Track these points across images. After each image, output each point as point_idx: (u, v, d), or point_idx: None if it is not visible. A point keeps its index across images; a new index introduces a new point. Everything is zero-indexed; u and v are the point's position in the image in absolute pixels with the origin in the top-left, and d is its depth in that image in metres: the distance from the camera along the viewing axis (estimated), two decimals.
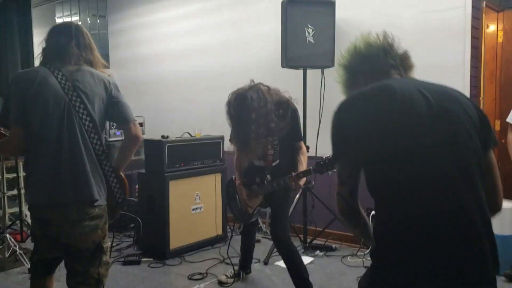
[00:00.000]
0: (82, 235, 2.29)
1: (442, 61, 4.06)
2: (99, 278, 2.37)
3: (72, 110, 2.25)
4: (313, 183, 4.44)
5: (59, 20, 7.59)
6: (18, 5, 6.53)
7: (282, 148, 3.32)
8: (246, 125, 3.06)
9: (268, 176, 3.32)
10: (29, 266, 3.99)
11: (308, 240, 4.56)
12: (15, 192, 5.46)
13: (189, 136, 4.76)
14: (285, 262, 3.33)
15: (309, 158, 3.41)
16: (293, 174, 3.10)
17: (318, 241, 4.62)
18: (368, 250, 4.38)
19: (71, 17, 7.50)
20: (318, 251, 4.42)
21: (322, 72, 4.49)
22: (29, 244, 4.73)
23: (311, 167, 3.07)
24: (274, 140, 3.27)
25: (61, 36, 2.37)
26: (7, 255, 4.19)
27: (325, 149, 4.36)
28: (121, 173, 2.43)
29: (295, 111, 3.27)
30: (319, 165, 3.00)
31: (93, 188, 2.26)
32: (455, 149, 1.35)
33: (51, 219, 2.29)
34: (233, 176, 3.62)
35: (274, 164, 3.34)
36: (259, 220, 5.06)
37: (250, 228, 3.79)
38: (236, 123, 3.17)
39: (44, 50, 2.41)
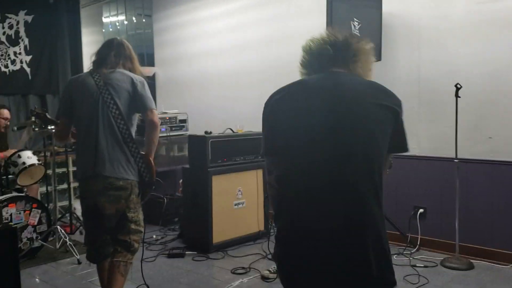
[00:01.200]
0: (107, 203, 2.76)
1: (496, 53, 3.89)
2: (130, 243, 2.83)
3: (101, 101, 2.78)
4: None
5: (106, 20, 7.81)
6: (67, 6, 6.72)
7: None
8: None
9: None
10: (78, 256, 4.15)
11: None
12: (65, 186, 5.65)
13: (231, 132, 4.78)
14: None
15: None
16: None
17: None
18: (415, 249, 4.28)
19: (117, 16, 7.70)
20: None
21: None
22: (78, 236, 4.88)
23: None
24: None
25: (105, 49, 2.97)
26: (58, 246, 4.33)
27: None
28: (150, 158, 2.83)
29: None
30: None
31: (105, 166, 2.72)
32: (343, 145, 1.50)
33: (85, 190, 2.86)
34: None
35: None
36: None
37: None
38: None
39: (93, 61, 2.98)
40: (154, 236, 4.88)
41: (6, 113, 4.98)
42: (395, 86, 4.48)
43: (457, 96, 3.85)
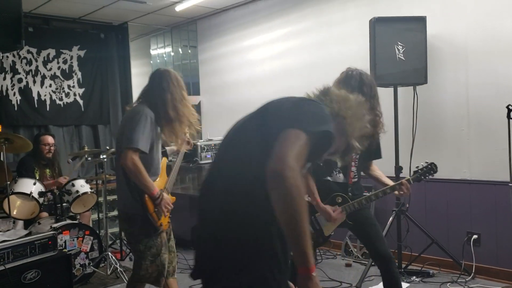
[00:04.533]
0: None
1: None
2: (141, 273, 2.88)
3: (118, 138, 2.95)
4: (407, 205, 4.25)
5: (153, 52, 8.09)
6: (117, 40, 7.05)
7: (359, 165, 3.17)
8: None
9: (350, 194, 3.11)
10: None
11: (403, 266, 4.35)
12: (115, 213, 5.79)
13: None
14: (392, 282, 2.99)
15: (402, 179, 3.27)
16: (406, 178, 3.11)
17: (414, 266, 4.40)
18: (470, 277, 4.10)
19: (164, 48, 7.96)
20: (414, 277, 4.20)
21: (414, 89, 4.33)
22: (128, 263, 4.97)
23: (410, 177, 3.15)
24: (356, 155, 3.12)
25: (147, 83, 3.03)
26: (109, 272, 4.43)
27: None
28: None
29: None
30: (417, 173, 3.17)
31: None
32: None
33: None
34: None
35: (354, 181, 3.14)
36: (350, 244, 4.93)
37: None
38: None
39: None
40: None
41: (49, 139, 5.07)
42: (443, 109, 4.44)
43: (509, 117, 3.72)
